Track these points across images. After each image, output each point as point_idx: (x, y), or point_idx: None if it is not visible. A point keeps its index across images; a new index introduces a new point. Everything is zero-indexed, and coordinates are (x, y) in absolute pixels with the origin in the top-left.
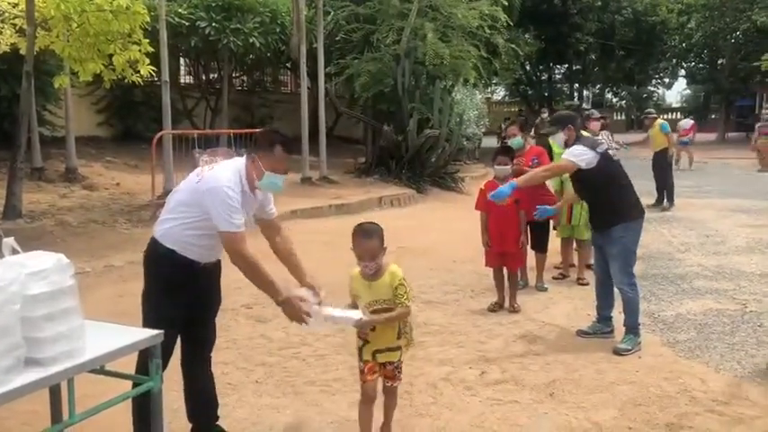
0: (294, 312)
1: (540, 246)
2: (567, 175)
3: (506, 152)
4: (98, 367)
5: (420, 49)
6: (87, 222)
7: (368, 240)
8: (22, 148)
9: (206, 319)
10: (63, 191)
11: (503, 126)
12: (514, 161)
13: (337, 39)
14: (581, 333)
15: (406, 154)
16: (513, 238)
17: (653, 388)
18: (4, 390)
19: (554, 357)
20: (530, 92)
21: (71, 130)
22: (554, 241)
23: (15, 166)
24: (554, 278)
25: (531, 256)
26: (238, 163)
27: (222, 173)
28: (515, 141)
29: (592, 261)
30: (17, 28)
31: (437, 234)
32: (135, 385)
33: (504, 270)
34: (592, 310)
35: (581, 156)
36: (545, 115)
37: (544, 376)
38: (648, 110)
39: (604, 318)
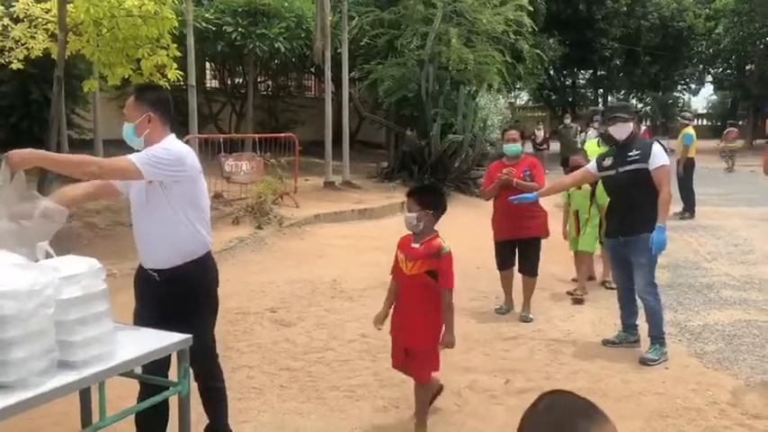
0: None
1: (529, 267)
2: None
3: (522, 133)
4: (128, 370)
5: (444, 55)
6: (114, 225)
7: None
8: (52, 152)
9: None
10: None
11: (535, 132)
12: (504, 170)
13: (362, 44)
14: (607, 342)
15: (429, 159)
16: (419, 324)
17: (680, 399)
18: (38, 392)
19: (579, 366)
20: (553, 97)
21: (99, 133)
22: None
23: (45, 168)
24: (568, 292)
25: (518, 278)
26: None
27: None
28: (513, 148)
29: (608, 278)
30: (49, 33)
31: (460, 239)
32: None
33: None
34: (617, 319)
35: (667, 158)
36: (568, 120)
37: (569, 385)
38: (684, 113)
39: (629, 326)
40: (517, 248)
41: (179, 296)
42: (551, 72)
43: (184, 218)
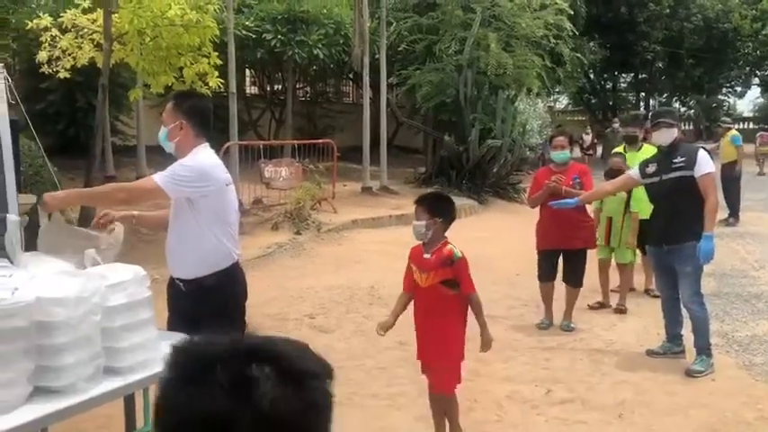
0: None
1: (574, 278)
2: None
3: (569, 136)
4: None
5: (483, 59)
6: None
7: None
8: (97, 158)
9: None
10: None
11: (583, 136)
12: (553, 177)
13: (400, 49)
14: (651, 353)
15: (468, 164)
16: (439, 339)
17: (729, 413)
18: (85, 397)
19: (623, 377)
20: (593, 101)
21: (142, 140)
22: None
23: (90, 174)
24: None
25: (560, 289)
26: None
27: None
28: (561, 155)
29: (652, 286)
30: (95, 43)
31: (499, 246)
32: None
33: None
34: (662, 329)
35: (713, 165)
36: (616, 125)
37: (612, 397)
38: (724, 118)
39: (674, 336)
40: (562, 258)
41: (204, 307)
42: (591, 76)
43: (209, 231)
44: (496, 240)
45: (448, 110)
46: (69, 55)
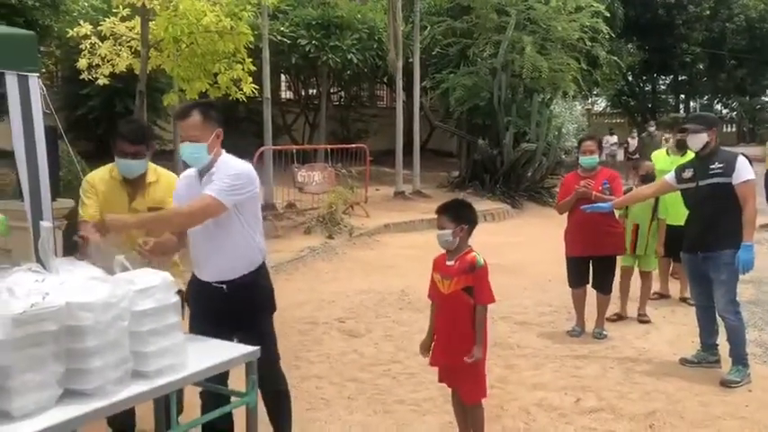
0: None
1: (603, 285)
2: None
3: (599, 142)
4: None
5: (517, 63)
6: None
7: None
8: None
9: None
10: None
11: (628, 140)
12: (583, 182)
13: (433, 53)
14: (684, 361)
15: (502, 168)
16: (462, 346)
17: (765, 425)
18: (114, 400)
19: (655, 386)
20: (632, 103)
21: (178, 145)
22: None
23: None
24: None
25: (591, 294)
26: None
27: None
28: (590, 160)
29: (688, 293)
30: (133, 50)
31: (532, 251)
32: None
33: (590, 288)
34: (696, 337)
35: (752, 172)
36: (652, 128)
37: (644, 406)
38: None
39: (709, 346)
40: (591, 265)
41: (247, 303)
42: (630, 78)
43: (251, 230)
44: (530, 245)
45: (482, 113)
46: (108, 62)
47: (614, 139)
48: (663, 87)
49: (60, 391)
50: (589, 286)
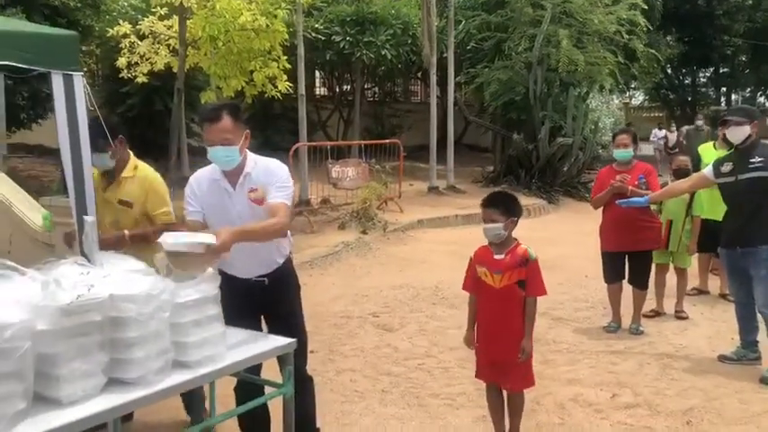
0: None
1: (640, 280)
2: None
3: (634, 135)
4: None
5: (553, 56)
6: None
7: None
8: (173, 159)
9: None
10: None
11: (668, 134)
12: (618, 177)
13: (468, 48)
14: (723, 358)
15: (537, 163)
16: (515, 339)
17: None
18: (155, 389)
19: (692, 383)
20: (671, 96)
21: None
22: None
23: (167, 175)
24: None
25: (627, 290)
26: None
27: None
28: (624, 153)
29: (727, 290)
30: (171, 48)
31: (568, 247)
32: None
33: (626, 285)
34: (735, 334)
35: None
36: (700, 122)
37: (681, 403)
38: None
39: (749, 342)
40: (627, 260)
41: (285, 292)
42: (669, 71)
43: None
44: (566, 241)
45: (517, 108)
46: (147, 60)
47: (662, 133)
48: (703, 80)
49: (105, 380)
50: (625, 282)
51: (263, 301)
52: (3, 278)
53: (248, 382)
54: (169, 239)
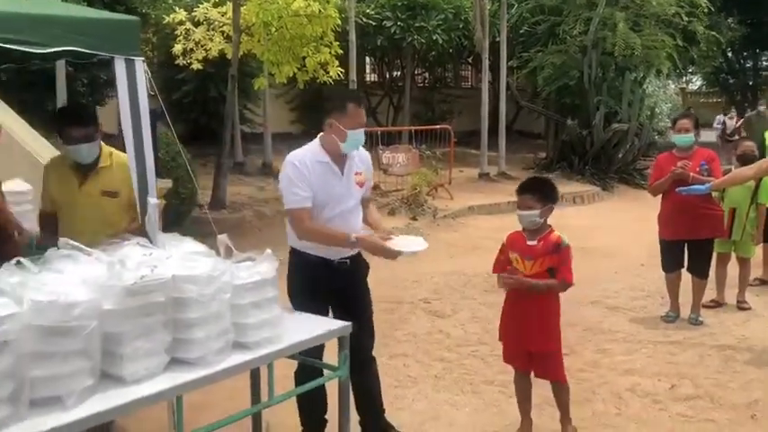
0: (371, 244)
1: (700, 269)
2: None
3: (695, 118)
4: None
5: (609, 40)
6: (280, 214)
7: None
8: (227, 145)
9: (356, 320)
10: (260, 184)
11: (726, 120)
12: (680, 163)
13: (521, 32)
14: None
15: (591, 149)
16: (545, 326)
17: None
18: (215, 369)
19: (755, 375)
20: (731, 81)
21: (268, 128)
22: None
23: (221, 161)
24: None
25: (686, 280)
26: (313, 140)
27: (293, 151)
28: (685, 138)
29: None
30: (225, 35)
31: (623, 235)
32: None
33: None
34: None
35: None
36: (762, 108)
37: (744, 395)
38: None
39: None
40: (687, 248)
41: (362, 274)
42: (729, 54)
43: None
44: (621, 229)
45: (571, 93)
46: (202, 47)
47: (733, 122)
48: (766, 64)
49: (168, 359)
50: (684, 271)
51: (344, 281)
52: (70, 258)
53: (308, 366)
54: (407, 249)
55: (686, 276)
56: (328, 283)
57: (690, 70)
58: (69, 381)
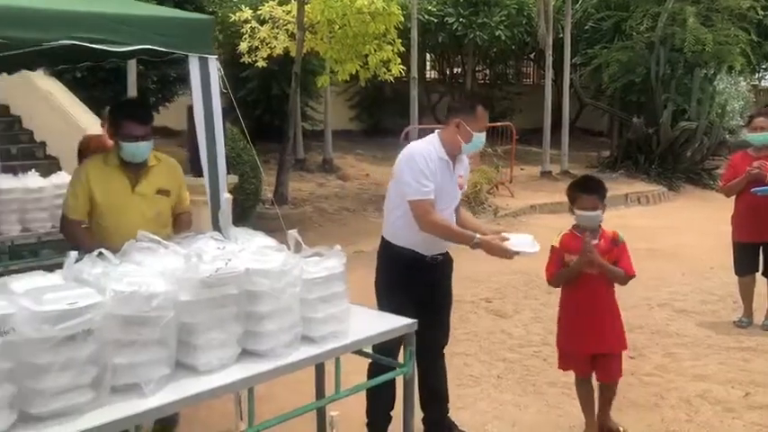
0: (492, 247)
1: None
2: None
3: None
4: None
5: (678, 36)
6: (340, 210)
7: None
8: (290, 142)
9: (436, 315)
10: (320, 180)
11: None
12: (755, 163)
13: (585, 28)
14: None
15: (658, 148)
16: (613, 324)
17: None
18: (285, 362)
19: None
20: None
21: (329, 125)
22: None
23: (284, 158)
24: None
25: (760, 284)
26: (431, 136)
27: (415, 144)
28: (761, 137)
29: None
30: (289, 33)
31: (691, 236)
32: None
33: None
34: None
35: None
36: None
37: None
38: None
39: None
40: (762, 251)
41: (450, 269)
42: None
43: None
44: (688, 230)
45: (637, 90)
46: (266, 45)
47: None
48: None
49: (239, 350)
50: (759, 274)
51: (432, 277)
52: (148, 251)
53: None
54: (523, 250)
55: (760, 281)
56: (418, 277)
57: (764, 66)
58: (148, 369)
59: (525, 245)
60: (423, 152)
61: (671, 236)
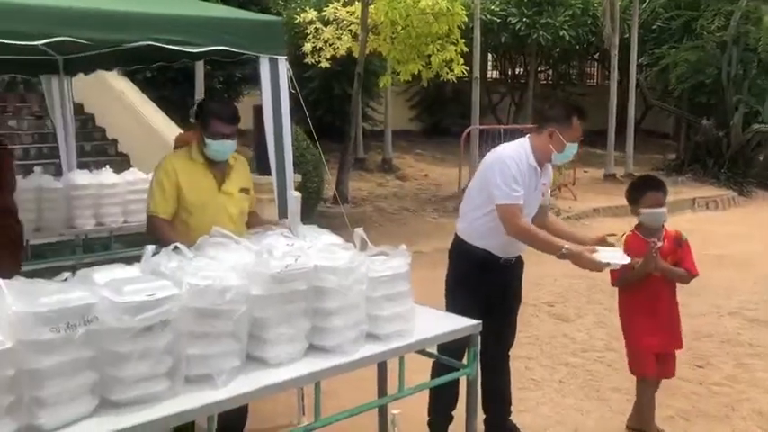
0: (581, 258)
1: None
2: None
3: None
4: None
5: (752, 35)
6: (400, 210)
7: None
8: (351, 142)
9: (504, 317)
10: (380, 180)
11: None
12: None
13: (653, 27)
14: None
15: (728, 151)
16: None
17: None
18: (350, 359)
19: None
20: None
21: (389, 125)
22: None
23: (345, 157)
24: None
25: None
26: (521, 140)
27: (505, 147)
28: None
29: None
30: (352, 34)
31: (763, 243)
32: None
33: None
34: None
35: None
36: None
37: None
38: None
39: None
40: None
41: (521, 271)
42: None
43: None
44: (760, 237)
45: (706, 91)
46: (330, 45)
47: None
48: None
49: (307, 345)
50: None
51: (504, 279)
52: (221, 246)
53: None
54: (613, 260)
55: None
56: (490, 278)
57: None
58: (220, 360)
59: (615, 257)
60: (515, 156)
61: (741, 242)
